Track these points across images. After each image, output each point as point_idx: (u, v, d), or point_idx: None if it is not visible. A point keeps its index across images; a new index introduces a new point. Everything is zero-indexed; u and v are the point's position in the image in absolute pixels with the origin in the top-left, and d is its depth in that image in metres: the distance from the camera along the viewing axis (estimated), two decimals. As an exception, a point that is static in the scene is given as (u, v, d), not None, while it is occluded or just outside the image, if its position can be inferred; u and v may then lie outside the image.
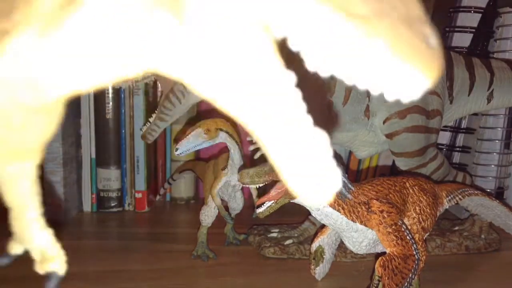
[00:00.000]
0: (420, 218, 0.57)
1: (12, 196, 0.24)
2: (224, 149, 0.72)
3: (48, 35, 0.17)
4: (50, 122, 0.21)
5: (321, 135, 0.18)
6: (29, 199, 0.24)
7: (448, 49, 0.82)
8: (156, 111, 0.77)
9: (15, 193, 0.24)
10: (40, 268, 0.25)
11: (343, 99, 0.72)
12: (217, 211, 0.72)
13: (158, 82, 0.84)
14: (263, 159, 0.57)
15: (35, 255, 0.25)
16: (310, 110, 0.19)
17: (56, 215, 0.83)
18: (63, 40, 0.17)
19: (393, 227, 0.53)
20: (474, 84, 0.78)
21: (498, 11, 0.92)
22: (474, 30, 0.93)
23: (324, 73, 0.17)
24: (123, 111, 0.92)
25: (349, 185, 0.55)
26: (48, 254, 0.25)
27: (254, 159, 0.71)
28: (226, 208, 0.73)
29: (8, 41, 0.17)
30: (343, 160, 0.81)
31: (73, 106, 0.91)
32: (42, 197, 0.26)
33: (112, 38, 0.17)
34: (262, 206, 0.54)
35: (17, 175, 0.23)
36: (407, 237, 0.53)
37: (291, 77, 0.18)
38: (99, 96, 0.91)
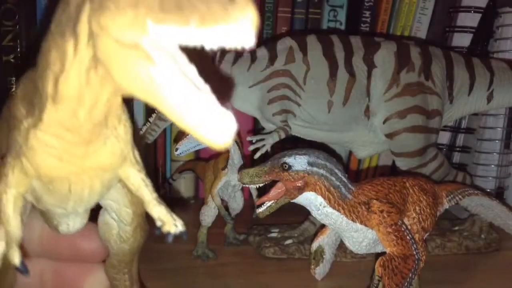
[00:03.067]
0: (420, 218, 0.57)
1: (128, 180, 0.34)
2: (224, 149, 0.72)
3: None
4: None
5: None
6: (143, 189, 0.34)
7: (448, 49, 0.82)
8: (156, 111, 0.77)
9: (126, 177, 0.34)
10: (163, 230, 0.34)
11: (343, 99, 0.72)
12: (217, 211, 0.72)
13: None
14: (263, 159, 0.57)
15: (157, 222, 0.34)
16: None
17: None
18: None
19: (393, 227, 0.53)
20: (474, 84, 0.78)
21: (498, 11, 0.92)
22: (474, 30, 0.93)
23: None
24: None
25: (349, 185, 0.55)
26: (164, 220, 0.34)
27: (254, 159, 0.71)
28: (226, 208, 0.73)
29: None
30: (343, 160, 0.81)
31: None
32: None
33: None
34: (262, 206, 0.54)
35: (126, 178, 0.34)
36: (407, 237, 0.53)
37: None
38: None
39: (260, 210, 0.54)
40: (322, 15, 0.96)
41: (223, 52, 0.77)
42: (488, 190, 0.89)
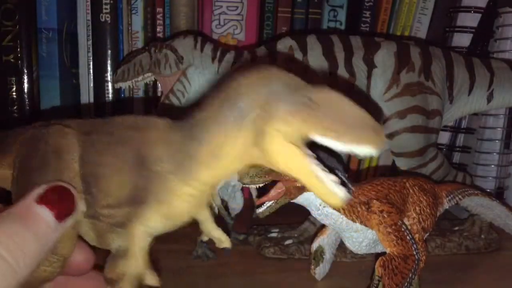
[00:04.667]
0: (420, 218, 0.57)
1: (200, 216, 0.44)
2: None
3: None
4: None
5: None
6: (207, 216, 0.44)
7: (448, 49, 0.82)
8: (153, 110, 0.77)
9: (201, 215, 0.44)
10: (219, 246, 0.46)
11: (343, 99, 0.72)
12: (217, 211, 0.72)
13: (158, 82, 0.84)
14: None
15: (215, 240, 0.46)
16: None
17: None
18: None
19: (393, 227, 0.53)
20: (474, 84, 0.78)
21: (498, 11, 0.92)
22: (474, 30, 0.93)
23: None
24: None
25: (349, 185, 0.55)
26: (221, 240, 0.45)
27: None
28: (226, 208, 0.73)
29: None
30: (343, 160, 0.81)
31: (73, 107, 0.91)
32: None
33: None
34: (262, 206, 0.54)
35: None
36: (407, 237, 0.54)
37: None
38: (99, 96, 0.91)
39: (260, 210, 0.54)
40: (322, 15, 0.96)
41: (223, 52, 0.77)
42: (488, 190, 0.89)
